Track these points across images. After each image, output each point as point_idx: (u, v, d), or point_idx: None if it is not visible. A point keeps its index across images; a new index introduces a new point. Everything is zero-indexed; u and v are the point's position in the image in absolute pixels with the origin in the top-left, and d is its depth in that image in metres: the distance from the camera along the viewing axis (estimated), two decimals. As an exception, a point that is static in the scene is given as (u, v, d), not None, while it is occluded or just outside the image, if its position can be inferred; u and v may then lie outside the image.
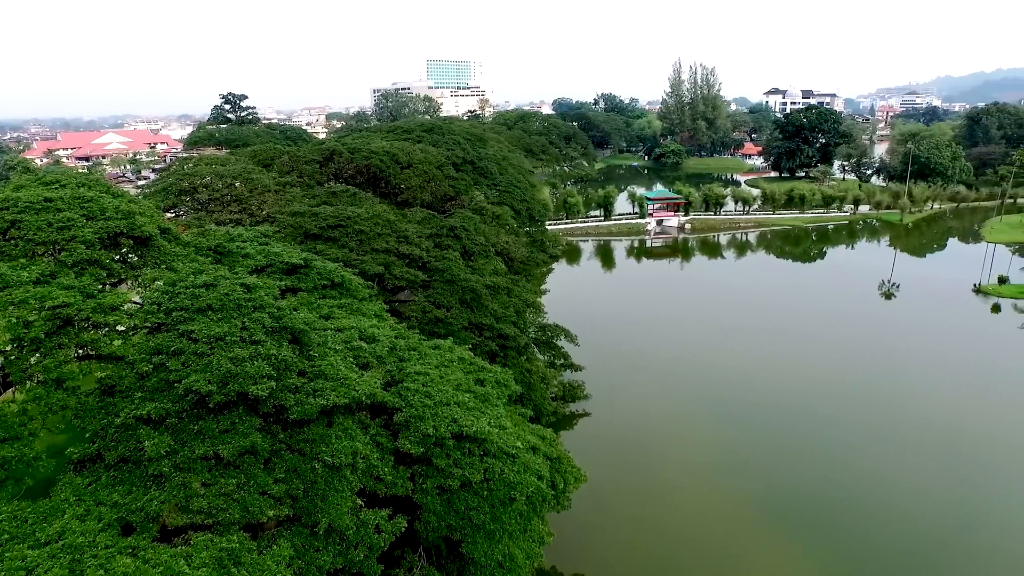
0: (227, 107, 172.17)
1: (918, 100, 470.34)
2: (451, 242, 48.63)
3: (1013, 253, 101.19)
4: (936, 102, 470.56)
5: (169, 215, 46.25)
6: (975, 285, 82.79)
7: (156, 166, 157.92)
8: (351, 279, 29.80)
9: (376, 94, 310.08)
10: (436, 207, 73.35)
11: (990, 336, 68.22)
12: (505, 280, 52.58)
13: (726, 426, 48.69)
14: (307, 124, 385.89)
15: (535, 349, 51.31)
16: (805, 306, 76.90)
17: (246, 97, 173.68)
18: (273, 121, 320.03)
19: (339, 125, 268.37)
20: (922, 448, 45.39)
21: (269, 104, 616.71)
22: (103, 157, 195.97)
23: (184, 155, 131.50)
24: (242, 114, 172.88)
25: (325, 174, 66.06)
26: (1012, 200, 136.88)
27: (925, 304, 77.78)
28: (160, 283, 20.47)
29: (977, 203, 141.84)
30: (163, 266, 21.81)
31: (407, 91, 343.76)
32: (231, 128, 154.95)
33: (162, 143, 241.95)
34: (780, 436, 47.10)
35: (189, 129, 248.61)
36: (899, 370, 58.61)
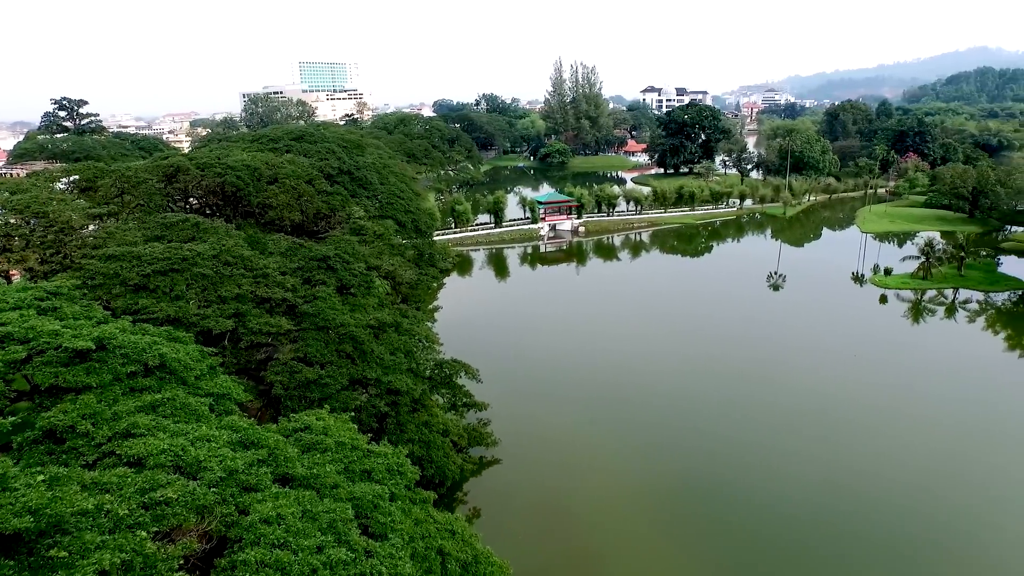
0: (62, 114, 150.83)
1: (777, 97, 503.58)
2: (324, 275, 40.67)
3: (877, 240, 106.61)
4: (791, 99, 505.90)
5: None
6: (853, 273, 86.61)
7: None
8: (176, 357, 21.62)
9: (246, 99, 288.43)
10: (308, 227, 64.46)
11: (874, 320, 70.56)
12: (392, 314, 45.27)
13: (645, 449, 45.42)
14: (170, 132, 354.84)
15: (432, 393, 44.44)
16: (702, 304, 77.03)
17: (85, 102, 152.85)
18: (129, 129, 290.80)
19: (204, 133, 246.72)
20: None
21: (127, 110, 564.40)
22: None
23: (4, 171, 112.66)
24: (82, 122, 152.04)
25: (170, 197, 55.55)
26: (873, 191, 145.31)
27: (812, 294, 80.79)
28: None
29: (845, 193, 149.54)
30: None
31: (279, 95, 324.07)
32: (71, 138, 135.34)
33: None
34: (707, 450, 43.31)
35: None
36: (809, 360, 59.35)
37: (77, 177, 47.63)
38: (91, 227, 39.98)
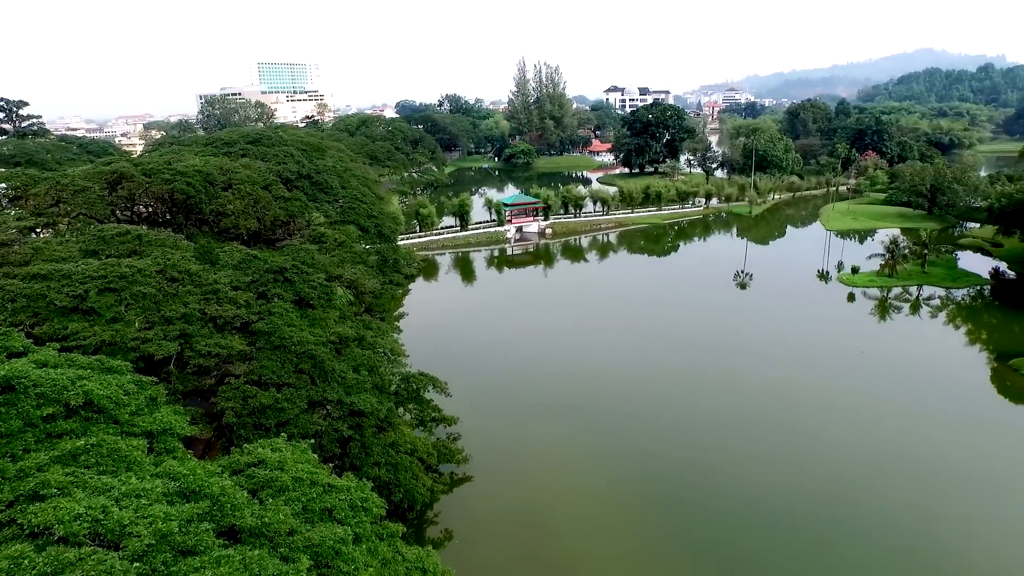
0: (0, 116, 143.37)
1: (737, 96, 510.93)
2: (280, 288, 38.07)
3: (841, 237, 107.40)
4: (751, 98, 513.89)
5: None
6: (819, 271, 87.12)
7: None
8: (106, 393, 19.01)
9: (202, 100, 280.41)
10: (266, 235, 61.60)
11: (840, 319, 70.68)
12: (355, 326, 42.91)
13: (619, 456, 44.07)
14: (122, 135, 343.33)
15: (400, 409, 42.20)
16: (672, 306, 76.21)
17: (26, 103, 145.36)
18: (78, 132, 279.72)
19: (159, 136, 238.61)
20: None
21: (77, 112, 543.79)
22: None
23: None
24: (23, 124, 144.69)
25: (115, 206, 52.09)
26: (836, 189, 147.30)
27: (779, 292, 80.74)
28: None
29: (808, 192, 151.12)
30: None
31: (237, 96, 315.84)
32: (11, 142, 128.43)
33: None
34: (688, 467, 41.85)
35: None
36: (771, 359, 59.23)
37: (5, 185, 44.02)
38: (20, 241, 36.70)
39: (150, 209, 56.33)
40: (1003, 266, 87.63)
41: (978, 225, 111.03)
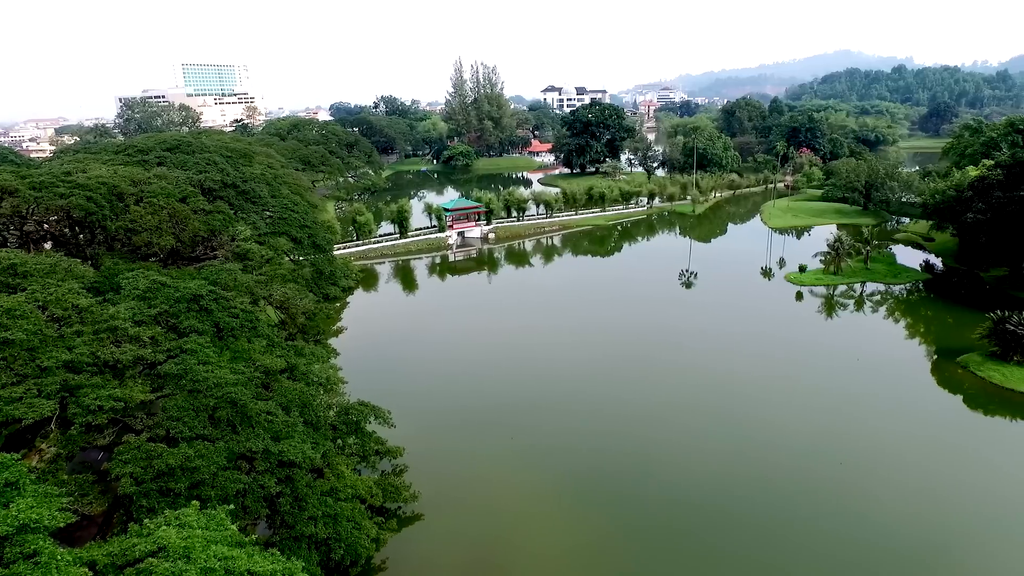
0: None
1: (672, 95, 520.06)
2: (195, 320, 33.23)
3: (781, 234, 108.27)
4: (685, 96, 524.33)
5: None
6: (762, 268, 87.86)
7: None
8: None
9: (121, 104, 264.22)
10: (185, 253, 55.96)
11: (789, 317, 71.55)
12: (284, 354, 38.32)
13: (576, 474, 41.99)
14: (31, 140, 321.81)
15: (338, 445, 37.91)
16: (622, 308, 74.83)
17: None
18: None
19: (72, 141, 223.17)
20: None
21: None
22: None
23: None
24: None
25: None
26: (773, 185, 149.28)
27: (726, 290, 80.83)
28: None
29: (747, 189, 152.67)
30: None
31: (160, 100, 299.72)
32: None
33: None
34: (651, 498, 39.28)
35: None
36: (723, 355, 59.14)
37: None
38: None
39: (45, 228, 49.97)
40: (933, 258, 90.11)
41: (908, 220, 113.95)
